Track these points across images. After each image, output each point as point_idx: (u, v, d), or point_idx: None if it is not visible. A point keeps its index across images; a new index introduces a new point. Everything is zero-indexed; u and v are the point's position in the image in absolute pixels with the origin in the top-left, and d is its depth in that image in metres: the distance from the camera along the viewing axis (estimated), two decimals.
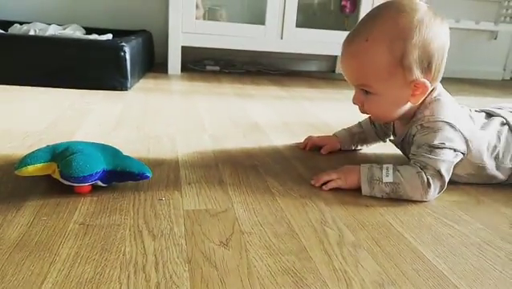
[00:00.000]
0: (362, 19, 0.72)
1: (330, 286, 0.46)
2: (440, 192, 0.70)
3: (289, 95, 1.61)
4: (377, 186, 0.69)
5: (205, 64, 2.12)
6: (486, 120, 0.79)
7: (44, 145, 0.67)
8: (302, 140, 0.97)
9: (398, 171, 0.69)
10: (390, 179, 0.68)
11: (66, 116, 1.08)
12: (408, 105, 0.73)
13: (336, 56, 2.40)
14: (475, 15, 2.44)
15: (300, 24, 1.95)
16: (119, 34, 1.73)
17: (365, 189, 0.69)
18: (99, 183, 0.64)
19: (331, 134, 0.95)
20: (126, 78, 1.44)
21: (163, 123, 1.08)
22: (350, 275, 0.49)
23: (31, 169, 0.61)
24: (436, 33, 0.68)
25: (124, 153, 0.70)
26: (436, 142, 0.69)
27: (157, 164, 0.78)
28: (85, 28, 1.82)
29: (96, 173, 0.61)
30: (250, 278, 0.47)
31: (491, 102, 1.83)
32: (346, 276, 0.48)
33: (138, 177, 0.64)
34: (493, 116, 0.81)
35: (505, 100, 1.93)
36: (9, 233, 0.52)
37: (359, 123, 0.94)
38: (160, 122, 1.09)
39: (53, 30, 1.67)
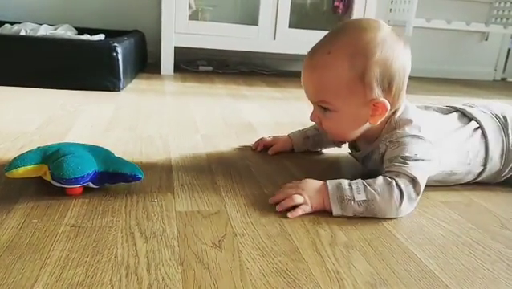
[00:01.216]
0: (326, 34, 0.71)
1: (322, 287, 0.46)
2: (414, 202, 0.65)
3: (282, 95, 1.62)
4: (349, 206, 0.62)
5: (198, 65, 2.11)
6: (459, 124, 0.77)
7: (35, 147, 0.66)
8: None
9: (369, 185, 0.63)
10: (362, 197, 0.62)
11: (57, 116, 1.08)
12: (367, 126, 0.71)
13: None
14: (466, 16, 2.46)
15: (293, 25, 1.96)
16: (112, 34, 1.72)
17: (336, 210, 0.63)
18: (91, 185, 0.63)
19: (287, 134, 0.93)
20: (118, 78, 1.44)
21: (155, 123, 1.08)
22: (342, 276, 0.49)
23: (22, 171, 0.61)
24: (398, 54, 0.67)
25: (116, 154, 0.69)
26: (407, 154, 0.66)
27: (149, 166, 0.77)
28: (77, 28, 1.81)
29: (88, 175, 0.61)
30: (243, 280, 0.47)
31: (482, 103, 1.84)
32: (338, 277, 0.49)
33: (130, 178, 0.64)
34: (466, 116, 0.79)
35: (497, 101, 1.95)
36: None
37: (316, 126, 0.89)
38: (152, 123, 1.08)
39: (44, 31, 1.66)
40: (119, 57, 1.42)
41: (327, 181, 0.65)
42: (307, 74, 0.70)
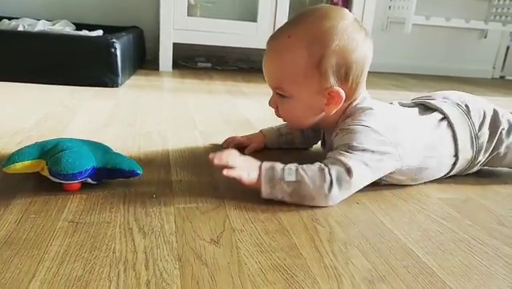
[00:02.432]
0: (290, 19, 0.71)
1: (320, 283, 0.46)
2: (347, 191, 0.64)
3: None
4: (278, 185, 0.62)
5: (196, 61, 2.11)
6: (424, 116, 0.77)
7: (33, 142, 0.66)
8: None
9: (302, 169, 0.63)
10: (292, 178, 0.62)
11: (55, 112, 1.07)
12: (322, 115, 0.71)
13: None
14: (465, 14, 2.46)
15: None
16: (110, 30, 1.71)
17: (265, 190, 0.62)
18: (89, 180, 0.63)
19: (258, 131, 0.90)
20: (117, 74, 1.43)
21: (154, 120, 1.08)
22: (340, 272, 0.49)
23: (19, 166, 0.60)
24: (358, 44, 0.66)
25: (115, 150, 0.69)
26: (354, 143, 0.64)
27: (148, 161, 0.77)
28: (75, 24, 1.81)
29: (86, 171, 0.61)
30: (241, 276, 0.47)
31: None
32: (336, 273, 0.49)
33: (128, 174, 0.64)
34: (429, 108, 0.79)
35: (494, 99, 1.96)
36: None
37: None
38: (151, 119, 1.08)
39: (42, 26, 1.65)
40: (118, 53, 1.42)
41: (263, 162, 0.64)
42: (267, 57, 0.71)
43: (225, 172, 0.62)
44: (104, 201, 0.61)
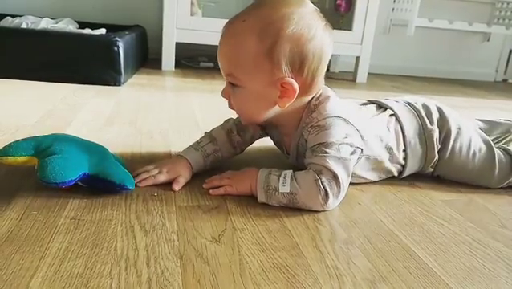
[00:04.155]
0: (251, 3, 0.67)
1: (321, 283, 0.46)
2: (340, 196, 0.64)
3: None
4: (274, 196, 0.62)
5: (199, 61, 2.11)
6: (377, 112, 0.77)
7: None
8: None
9: (296, 179, 0.62)
10: (287, 189, 0.62)
11: (57, 110, 1.07)
12: (277, 109, 0.67)
13: (331, 54, 2.41)
14: (468, 16, 2.45)
15: None
16: (113, 29, 1.72)
17: (261, 197, 0.63)
18: (80, 183, 0.61)
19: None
20: (119, 73, 1.43)
21: (156, 119, 1.08)
22: (341, 272, 0.49)
23: (10, 160, 0.60)
24: (316, 34, 0.63)
25: (116, 150, 0.68)
26: (330, 140, 0.64)
27: (149, 160, 0.77)
28: (78, 22, 1.81)
29: (70, 181, 0.58)
30: (242, 274, 0.46)
31: (482, 103, 1.85)
32: (337, 273, 0.49)
33: (118, 187, 0.61)
34: (382, 107, 0.79)
35: (497, 102, 1.95)
36: None
37: (212, 136, 0.76)
38: (152, 118, 1.08)
39: (45, 24, 1.65)
40: (121, 52, 1.42)
41: (261, 169, 0.66)
42: (222, 42, 0.66)
43: (212, 192, 0.65)
44: (106, 198, 0.61)
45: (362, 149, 0.69)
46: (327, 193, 0.62)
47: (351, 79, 2.13)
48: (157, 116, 1.11)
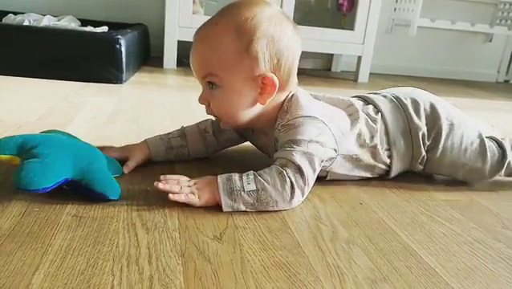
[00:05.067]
0: (217, 12, 0.68)
1: (323, 281, 0.46)
2: (305, 192, 0.63)
3: None
4: (239, 198, 0.60)
5: None
6: (360, 109, 0.76)
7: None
8: None
9: (259, 175, 0.61)
10: (252, 187, 0.60)
11: (59, 107, 1.07)
12: (258, 108, 0.67)
13: (332, 55, 2.41)
14: (471, 17, 2.45)
15: (297, 22, 1.91)
16: (115, 26, 1.72)
17: (226, 203, 0.59)
18: (65, 187, 0.60)
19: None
20: (121, 71, 1.43)
21: (157, 116, 1.08)
22: (343, 271, 0.49)
23: None
24: (287, 33, 0.65)
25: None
26: (299, 137, 0.64)
27: None
28: (80, 20, 1.81)
29: (44, 188, 0.55)
30: (244, 272, 0.47)
31: (484, 104, 1.84)
32: (339, 271, 0.49)
33: (98, 196, 0.59)
34: (369, 103, 0.78)
35: (499, 103, 1.95)
36: (0, 223, 0.51)
37: (183, 132, 0.78)
38: (154, 116, 1.08)
39: (47, 21, 1.65)
40: (123, 49, 1.42)
41: (218, 175, 0.62)
42: (195, 47, 0.67)
43: (171, 196, 0.59)
44: None
45: (335, 150, 0.68)
46: (292, 185, 0.61)
47: (353, 78, 2.12)
48: (159, 113, 1.11)
